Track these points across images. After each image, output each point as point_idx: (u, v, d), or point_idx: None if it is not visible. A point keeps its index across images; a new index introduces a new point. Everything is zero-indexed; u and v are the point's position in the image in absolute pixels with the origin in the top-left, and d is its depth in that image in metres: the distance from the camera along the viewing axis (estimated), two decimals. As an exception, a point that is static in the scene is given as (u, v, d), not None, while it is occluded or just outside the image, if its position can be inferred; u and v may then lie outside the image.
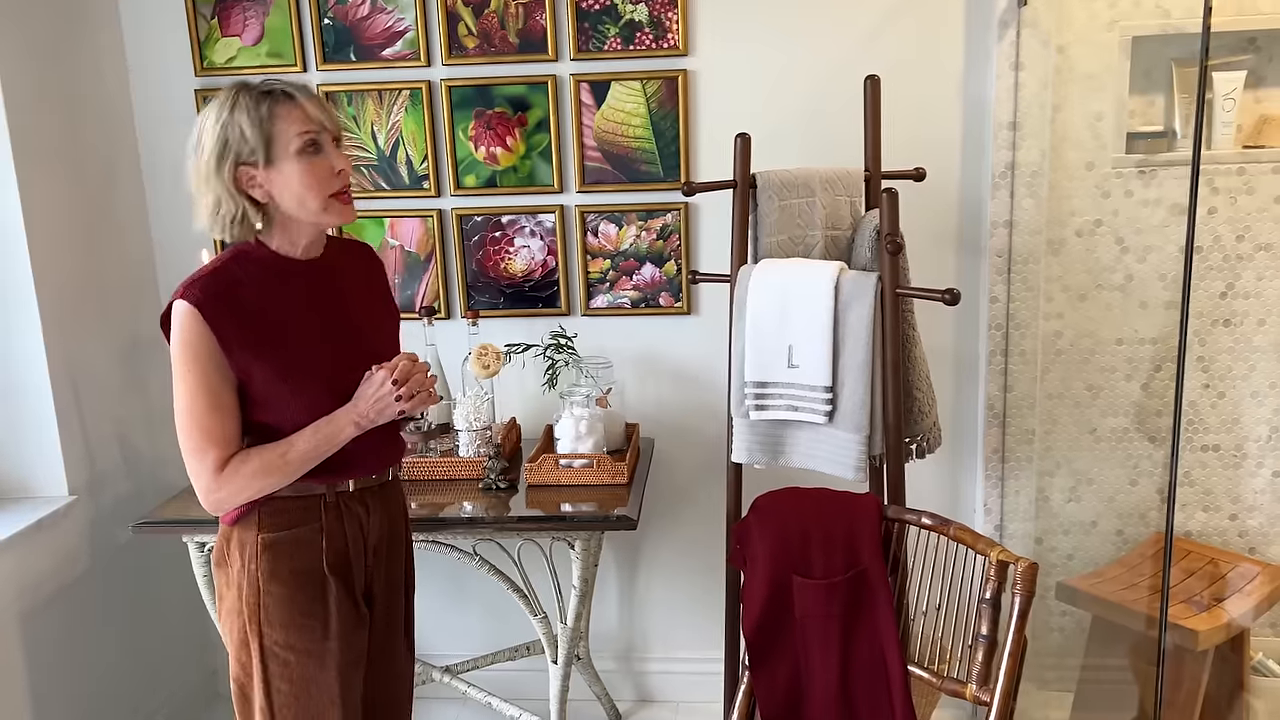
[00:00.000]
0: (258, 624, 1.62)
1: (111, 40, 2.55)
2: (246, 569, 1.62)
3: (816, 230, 2.16)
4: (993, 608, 1.66)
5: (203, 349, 1.54)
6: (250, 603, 1.62)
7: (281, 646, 1.62)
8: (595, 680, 2.73)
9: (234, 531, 1.64)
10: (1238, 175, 2.42)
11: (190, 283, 1.56)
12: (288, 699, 1.64)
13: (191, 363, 1.54)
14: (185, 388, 1.56)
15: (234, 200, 1.57)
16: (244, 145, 1.54)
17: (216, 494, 1.57)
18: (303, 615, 1.63)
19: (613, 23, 2.44)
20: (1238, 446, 2.55)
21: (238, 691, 1.68)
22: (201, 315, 1.53)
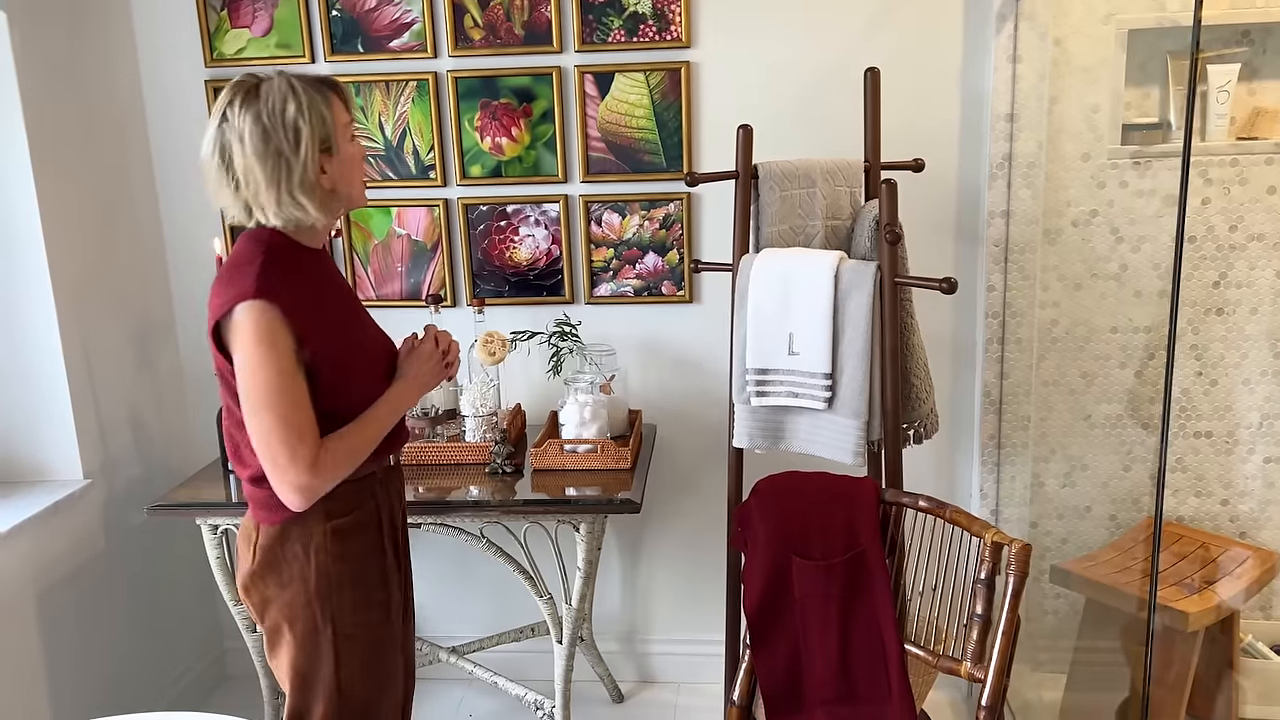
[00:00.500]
0: (330, 612, 1.64)
1: (123, 31, 2.59)
2: (313, 559, 1.63)
3: (817, 220, 2.20)
4: (987, 588, 1.71)
5: (283, 344, 1.52)
6: (321, 591, 1.64)
7: (355, 625, 1.67)
8: (598, 661, 2.78)
9: (290, 529, 1.63)
10: (1231, 166, 2.46)
11: (248, 282, 1.52)
12: (357, 676, 1.68)
13: (276, 360, 1.51)
14: (271, 387, 1.51)
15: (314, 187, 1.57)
16: (325, 131, 1.56)
17: (312, 485, 1.55)
18: (371, 593, 1.69)
19: (617, 15, 2.48)
20: (1229, 433, 2.60)
21: (299, 681, 1.68)
22: (279, 309, 1.51)
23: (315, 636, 1.65)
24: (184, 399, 2.81)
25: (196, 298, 2.75)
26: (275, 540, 1.64)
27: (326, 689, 1.67)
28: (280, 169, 1.53)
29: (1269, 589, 2.65)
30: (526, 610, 2.81)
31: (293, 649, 1.67)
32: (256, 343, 1.50)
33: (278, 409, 1.51)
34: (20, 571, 2.24)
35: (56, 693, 2.33)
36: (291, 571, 1.64)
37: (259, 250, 1.57)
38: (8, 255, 2.28)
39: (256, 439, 1.54)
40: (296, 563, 1.64)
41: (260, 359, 1.51)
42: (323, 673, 1.67)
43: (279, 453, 1.52)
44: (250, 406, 1.53)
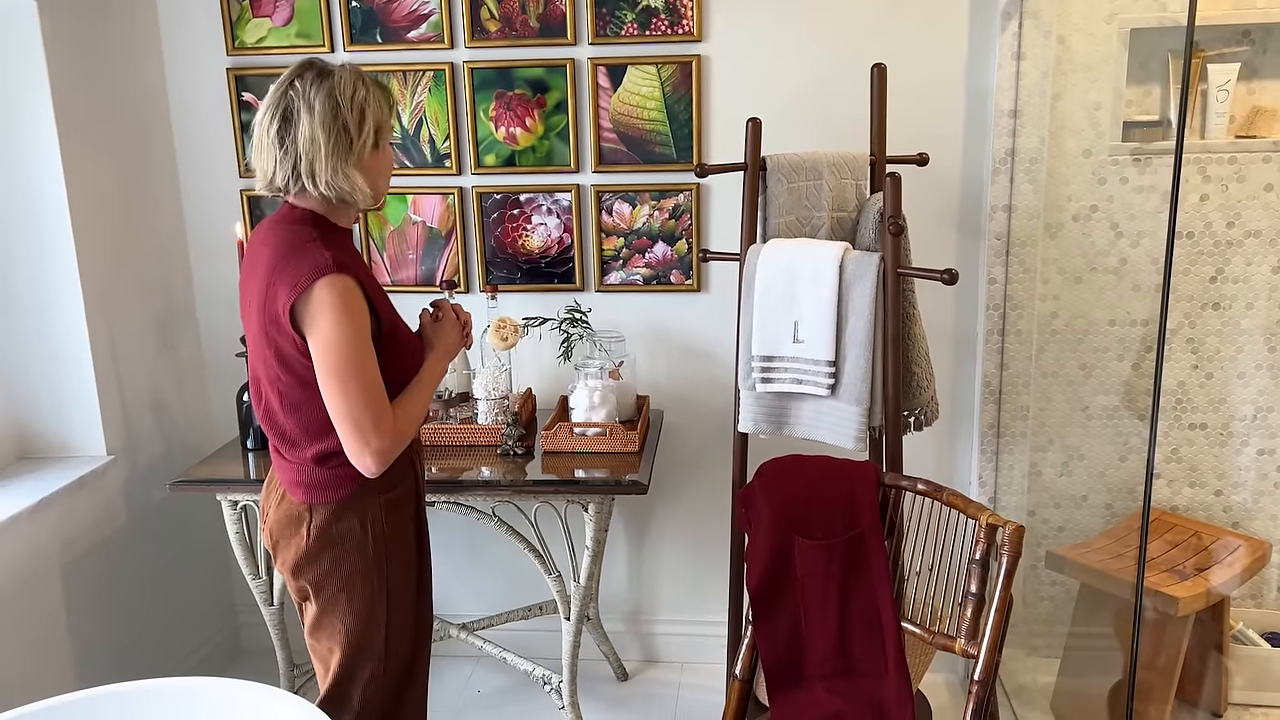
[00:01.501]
0: (385, 577, 1.75)
1: (147, 20, 2.65)
2: (370, 532, 1.73)
3: (823, 212, 2.26)
4: (982, 568, 1.77)
5: (361, 315, 1.61)
6: (379, 561, 1.74)
7: (402, 589, 1.79)
8: (604, 640, 2.86)
9: (349, 504, 1.71)
10: (1230, 164, 2.51)
11: (323, 259, 1.59)
12: (403, 636, 1.81)
13: (359, 331, 1.60)
14: (358, 357, 1.59)
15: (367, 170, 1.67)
16: (380, 123, 1.67)
17: (393, 448, 1.64)
18: (413, 559, 1.82)
19: (630, 8, 2.54)
20: (1224, 425, 2.66)
21: (353, 649, 1.76)
22: (359, 284, 1.61)
23: (371, 604, 1.75)
24: (203, 380, 2.88)
25: (217, 282, 2.82)
26: (332, 518, 1.72)
27: (376, 654, 1.78)
28: (343, 142, 1.63)
29: (1261, 578, 2.71)
30: (535, 589, 2.88)
31: (350, 618, 1.75)
32: (343, 314, 1.58)
33: (366, 378, 1.60)
34: (48, 543, 2.31)
35: (81, 660, 2.41)
36: (349, 545, 1.72)
37: (309, 231, 1.65)
38: (38, 240, 2.35)
39: (343, 408, 1.60)
40: (354, 537, 1.72)
41: (348, 330, 1.58)
42: (375, 637, 1.77)
43: (366, 419, 1.60)
44: (339, 377, 1.59)
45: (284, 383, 1.67)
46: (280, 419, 1.71)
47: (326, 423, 1.66)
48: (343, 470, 1.70)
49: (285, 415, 1.70)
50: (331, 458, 1.69)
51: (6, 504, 2.21)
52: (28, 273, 2.37)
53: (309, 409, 1.67)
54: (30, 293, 2.38)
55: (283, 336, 1.63)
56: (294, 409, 1.69)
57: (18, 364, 2.42)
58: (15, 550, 2.21)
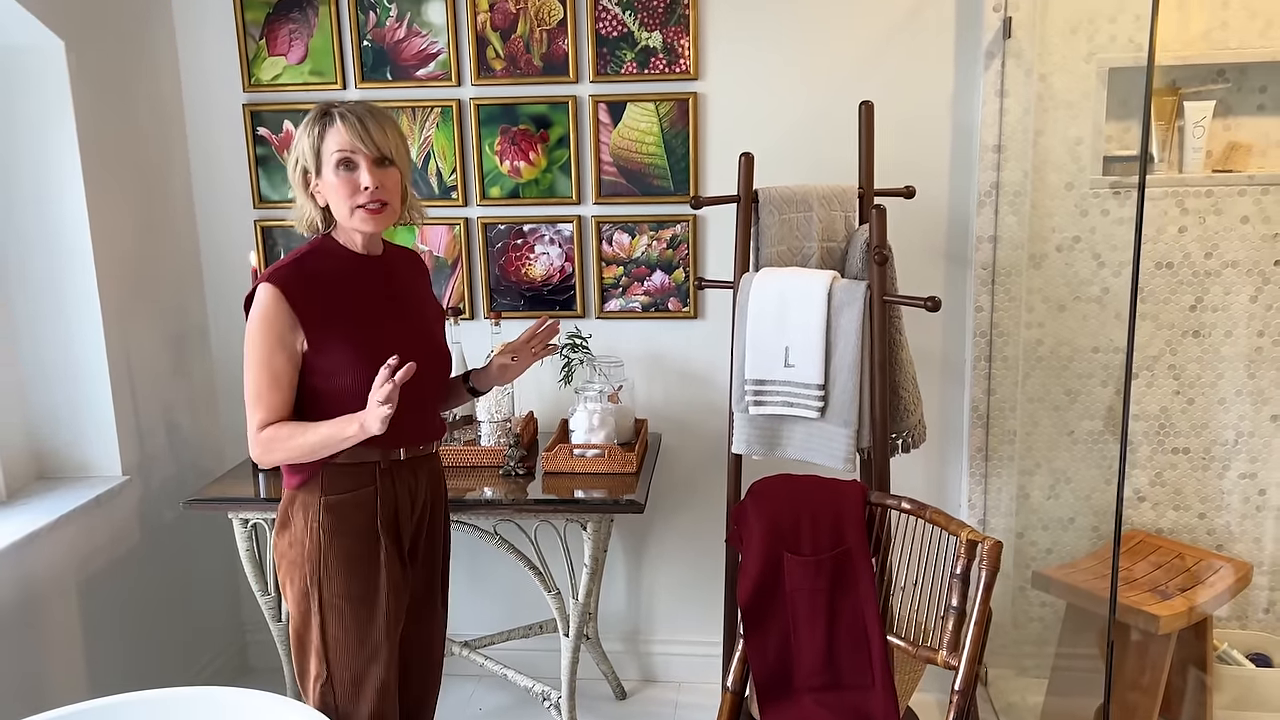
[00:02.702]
0: (318, 577, 1.83)
1: (168, 57, 2.77)
2: (309, 528, 1.83)
3: (813, 242, 2.35)
4: (962, 582, 1.85)
5: (277, 326, 1.77)
6: (313, 558, 1.83)
7: (339, 597, 1.84)
8: (603, 659, 2.92)
9: (298, 495, 1.85)
10: (1206, 197, 2.61)
11: (275, 269, 1.80)
12: (341, 644, 1.85)
13: (264, 336, 1.77)
14: (253, 357, 1.78)
15: (306, 202, 1.86)
16: (306, 157, 1.82)
17: (253, 450, 1.82)
18: (358, 569, 1.85)
19: (629, 48, 2.65)
20: (1206, 450, 2.73)
21: (296, 640, 1.90)
22: (284, 295, 1.76)
23: (305, 598, 1.85)
24: (216, 403, 2.97)
25: (230, 308, 2.92)
26: (288, 502, 1.88)
27: (317, 651, 1.86)
28: (296, 178, 1.86)
29: (1245, 600, 2.77)
30: (535, 609, 2.95)
31: (292, 605, 1.88)
32: (259, 320, 1.78)
33: (253, 378, 1.79)
34: (66, 560, 2.39)
35: (94, 674, 2.48)
36: (295, 534, 1.86)
37: (305, 246, 1.87)
38: (60, 266, 2.45)
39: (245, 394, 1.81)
40: (299, 527, 1.85)
41: (255, 334, 1.78)
42: (312, 635, 1.86)
43: (248, 411, 1.81)
44: (245, 368, 1.80)
45: None
46: None
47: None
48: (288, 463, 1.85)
49: None
50: None
51: (26, 521, 2.29)
52: (51, 299, 2.47)
53: None
54: (52, 318, 2.48)
55: None
56: None
57: (39, 387, 2.51)
58: (34, 566, 2.29)
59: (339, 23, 2.71)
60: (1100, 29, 2.57)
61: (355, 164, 1.79)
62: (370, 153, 1.78)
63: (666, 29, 2.63)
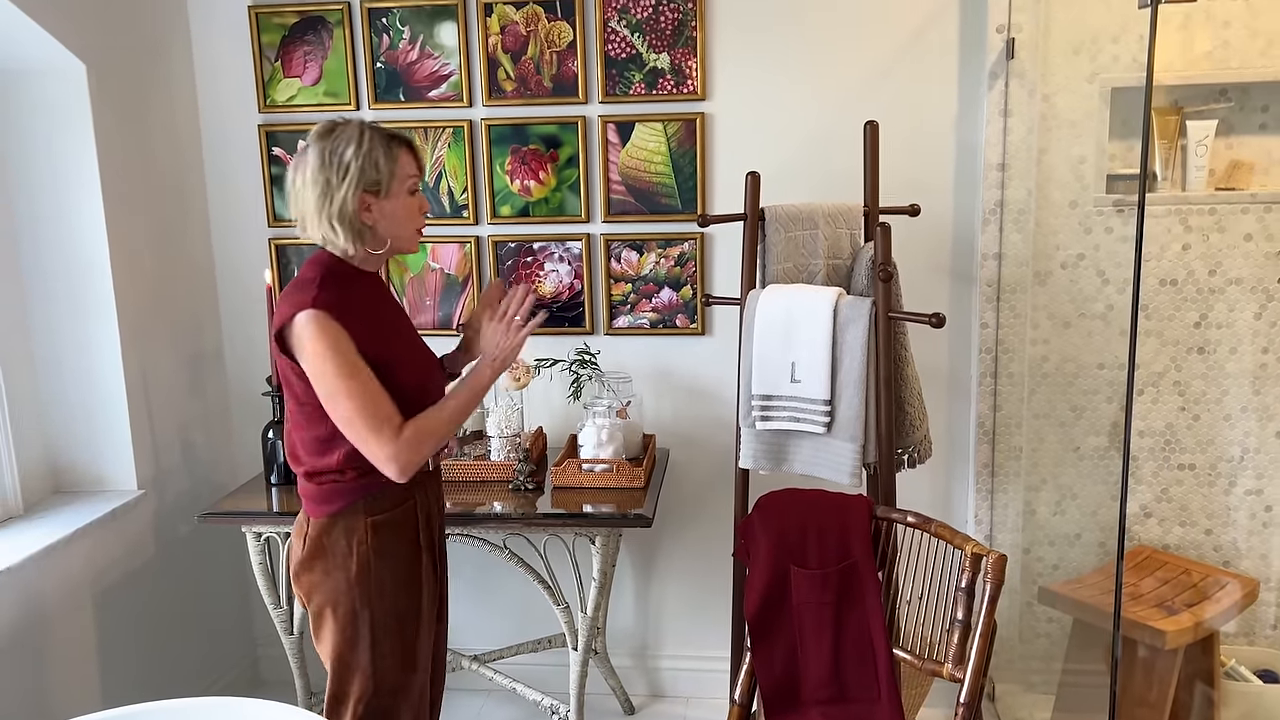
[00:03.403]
0: (368, 599, 1.84)
1: (185, 78, 2.83)
2: (355, 551, 1.83)
3: (819, 259, 2.38)
4: (967, 595, 1.87)
5: (345, 342, 1.75)
6: (361, 581, 1.83)
7: (389, 615, 1.86)
8: (611, 674, 2.94)
9: (337, 521, 1.84)
10: (1209, 215, 2.63)
11: (307, 296, 1.75)
12: (390, 661, 1.87)
13: (343, 355, 1.74)
14: (345, 379, 1.73)
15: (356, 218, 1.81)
16: (375, 175, 1.80)
17: (400, 455, 1.75)
18: (405, 585, 1.88)
19: (638, 69, 2.69)
20: (1212, 466, 2.75)
21: (338, 664, 1.87)
22: (333, 317, 1.75)
23: (354, 622, 1.84)
24: (229, 418, 3.01)
25: (244, 325, 2.96)
26: (323, 531, 1.85)
27: (363, 672, 1.86)
28: (324, 195, 1.78)
29: (1252, 616, 2.77)
30: (544, 623, 2.97)
31: (334, 633, 1.85)
32: (328, 343, 1.74)
33: (354, 396, 1.74)
34: (82, 572, 2.43)
35: (108, 685, 2.51)
36: (335, 560, 1.84)
37: (318, 271, 1.83)
38: (79, 284, 2.50)
39: (343, 425, 1.76)
40: (340, 553, 1.84)
41: (324, 357, 1.73)
42: (360, 657, 1.85)
43: (364, 432, 1.74)
44: (329, 399, 1.75)
45: (288, 403, 1.86)
46: (290, 435, 1.88)
47: (318, 441, 1.82)
48: (330, 487, 1.83)
49: (292, 431, 1.88)
50: (319, 475, 1.84)
51: (43, 535, 2.32)
52: (70, 316, 2.51)
53: (304, 428, 1.83)
54: (71, 335, 2.52)
55: (281, 361, 1.81)
56: (295, 426, 1.86)
57: (57, 403, 2.55)
58: (51, 578, 2.33)
59: (353, 45, 2.77)
60: (1103, 49, 2.60)
61: (416, 190, 1.89)
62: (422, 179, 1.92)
63: (674, 50, 2.67)
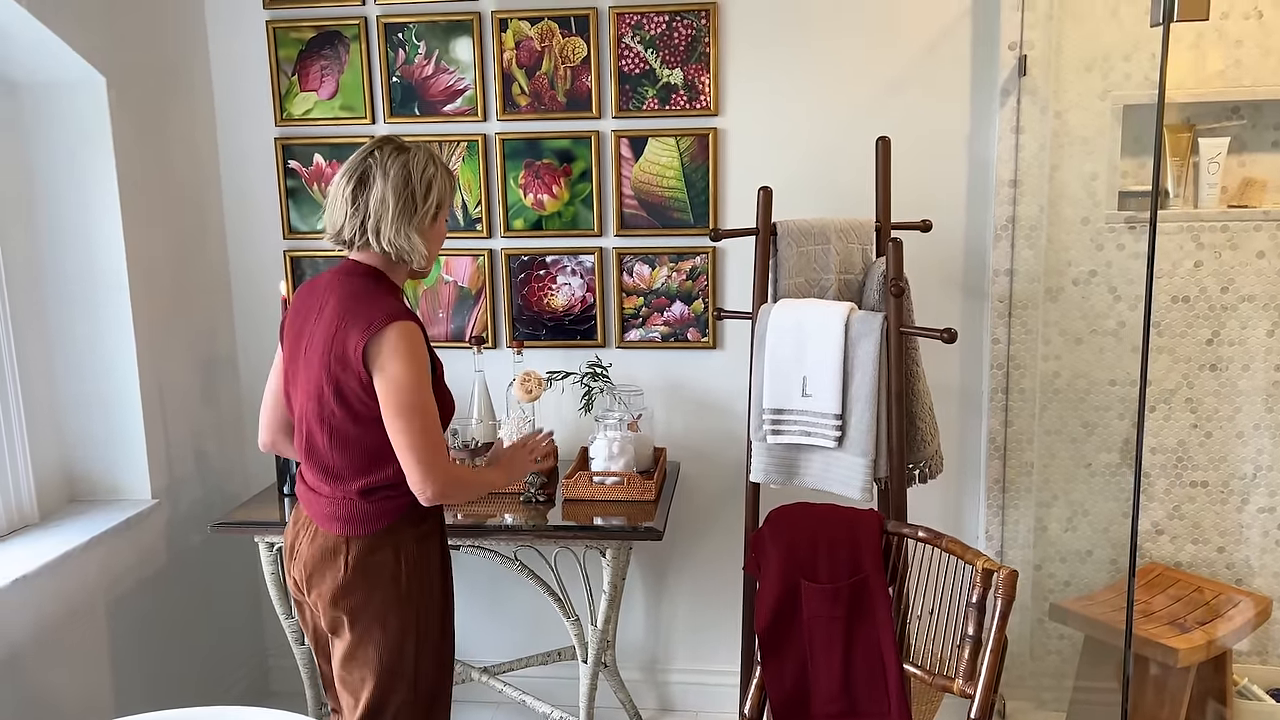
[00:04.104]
0: (415, 610, 1.87)
1: (203, 91, 2.86)
2: (403, 563, 1.86)
3: (830, 274, 2.39)
4: (978, 611, 1.87)
5: (426, 363, 1.80)
6: (411, 592, 1.87)
7: (436, 625, 1.92)
8: (620, 688, 2.93)
9: (383, 538, 1.86)
10: (1221, 232, 2.63)
11: (395, 306, 1.79)
12: (431, 667, 1.92)
13: (425, 376, 1.78)
14: (424, 395, 1.77)
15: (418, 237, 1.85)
16: (442, 197, 1.88)
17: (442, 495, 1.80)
18: (443, 592, 1.94)
19: (651, 85, 2.71)
20: (1224, 483, 2.74)
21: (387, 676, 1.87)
22: (421, 329, 1.81)
23: (403, 633, 1.87)
24: (243, 429, 3.03)
25: (258, 336, 2.98)
26: (368, 550, 1.85)
27: (408, 681, 1.89)
28: (409, 207, 1.83)
29: (1266, 635, 2.76)
30: (554, 636, 2.97)
31: (384, 647, 1.86)
32: (410, 356, 1.76)
33: (429, 416, 1.78)
34: (96, 580, 2.44)
35: (121, 692, 2.52)
36: (384, 576, 1.86)
37: (377, 283, 1.86)
38: (97, 294, 2.52)
39: (410, 441, 1.76)
40: (388, 568, 1.86)
41: (415, 371, 1.76)
42: (405, 666, 1.88)
43: (431, 451, 1.77)
44: (407, 414, 1.75)
45: (338, 418, 1.81)
46: (324, 455, 1.84)
47: (374, 458, 1.81)
48: (385, 504, 1.84)
49: (332, 450, 1.83)
50: (376, 491, 1.83)
51: (58, 542, 2.34)
52: (87, 327, 2.54)
53: (359, 445, 1.82)
54: (88, 346, 2.55)
55: (348, 374, 1.77)
56: (343, 444, 1.82)
57: (74, 413, 2.58)
58: (66, 586, 2.34)
59: (369, 59, 2.79)
60: (1115, 67, 2.61)
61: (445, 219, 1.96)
62: None
63: (687, 66, 2.69)
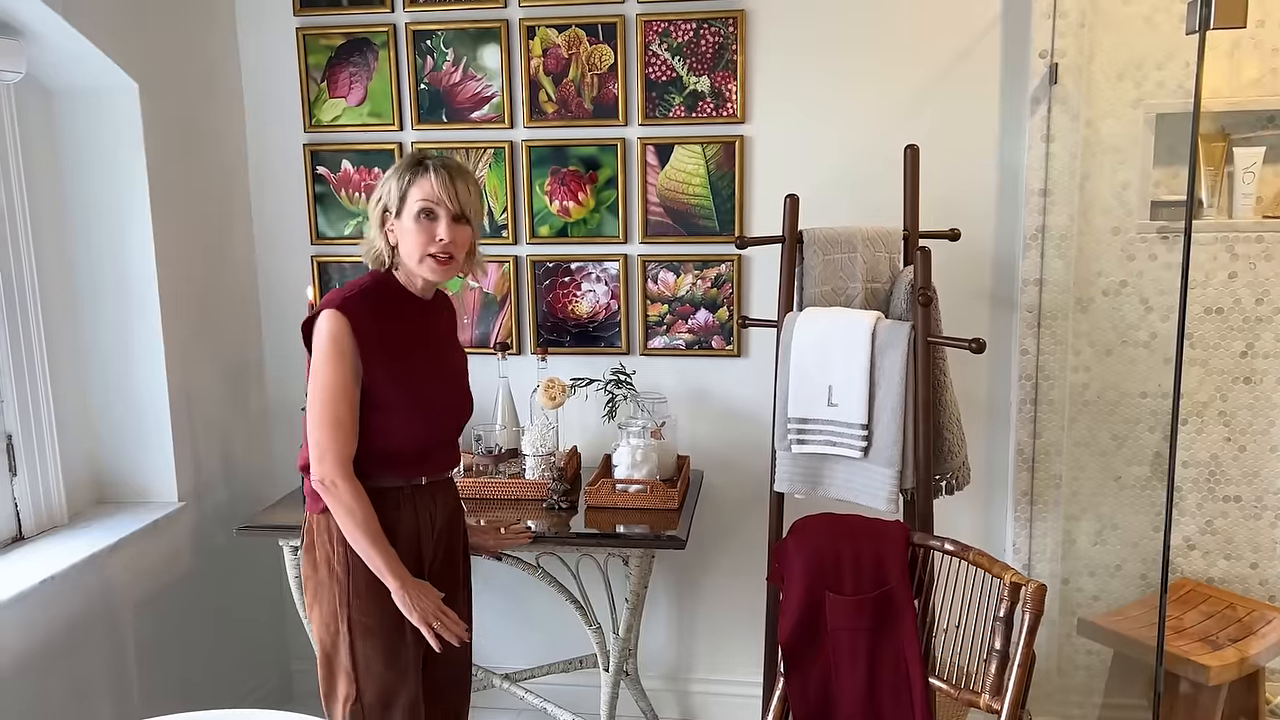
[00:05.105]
0: (347, 597, 1.90)
1: (234, 98, 2.89)
2: (336, 550, 1.90)
3: (857, 283, 2.37)
4: (1006, 625, 1.84)
5: (346, 349, 1.84)
6: (340, 579, 1.90)
7: (367, 616, 1.90)
8: (642, 696, 2.92)
9: (325, 519, 1.92)
10: (1257, 242, 2.59)
11: (341, 298, 1.87)
12: (370, 664, 1.91)
13: (339, 362, 1.84)
14: (329, 385, 1.84)
15: (379, 238, 1.94)
16: (391, 199, 1.91)
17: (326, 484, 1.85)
18: (385, 590, 1.90)
19: (678, 92, 2.71)
20: (1258, 498, 2.69)
21: (324, 661, 1.95)
22: (349, 320, 1.84)
23: (334, 619, 1.91)
24: (269, 434, 3.05)
25: (285, 341, 3.00)
26: (314, 527, 1.94)
27: (346, 672, 1.90)
28: (375, 213, 1.95)
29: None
30: (576, 643, 2.96)
31: (318, 625, 1.93)
32: (324, 345, 1.84)
33: (329, 410, 1.84)
34: (123, 581, 2.46)
35: (145, 692, 2.54)
36: (323, 555, 1.92)
37: (368, 279, 1.94)
38: (127, 299, 2.55)
39: (311, 429, 1.86)
40: (325, 549, 1.92)
41: (324, 358, 1.84)
42: (341, 656, 1.91)
43: (320, 442, 1.84)
44: (310, 398, 1.86)
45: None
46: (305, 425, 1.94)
47: None
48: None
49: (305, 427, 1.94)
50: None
51: (86, 544, 2.36)
52: (117, 331, 2.56)
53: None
54: (118, 350, 2.57)
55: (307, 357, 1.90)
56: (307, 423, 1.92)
57: (104, 416, 2.60)
58: (93, 586, 2.36)
59: (397, 67, 2.81)
60: (1148, 75, 2.58)
61: (436, 215, 1.91)
62: (452, 209, 1.90)
63: (715, 74, 2.69)
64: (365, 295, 1.90)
